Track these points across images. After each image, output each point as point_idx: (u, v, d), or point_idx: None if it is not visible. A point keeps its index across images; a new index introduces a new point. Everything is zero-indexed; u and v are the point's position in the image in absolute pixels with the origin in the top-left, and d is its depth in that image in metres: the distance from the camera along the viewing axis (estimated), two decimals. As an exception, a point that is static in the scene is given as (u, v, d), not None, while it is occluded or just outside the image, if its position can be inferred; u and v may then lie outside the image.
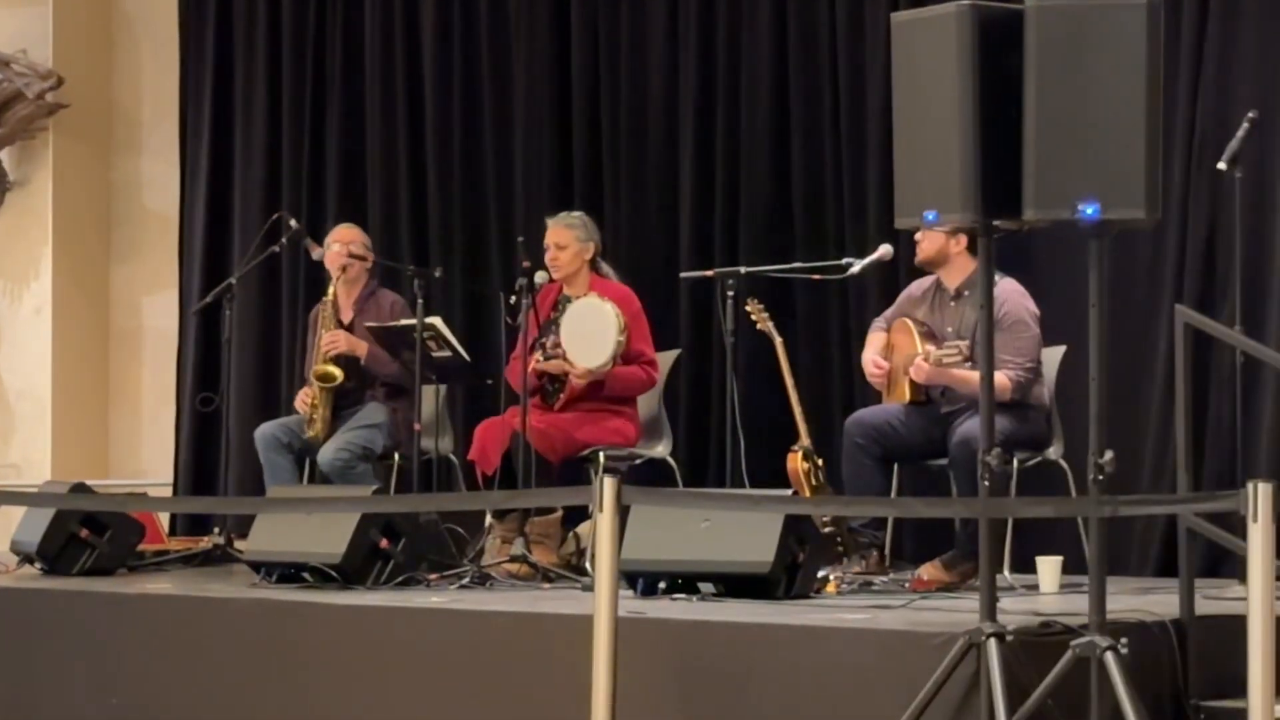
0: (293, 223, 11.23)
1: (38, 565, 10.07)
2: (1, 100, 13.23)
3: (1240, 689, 5.96)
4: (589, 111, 12.06)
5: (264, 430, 10.63)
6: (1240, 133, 8.87)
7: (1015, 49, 6.78)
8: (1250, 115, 9.02)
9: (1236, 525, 6.19)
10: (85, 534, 9.90)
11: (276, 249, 11.24)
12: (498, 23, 12.24)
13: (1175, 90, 9.64)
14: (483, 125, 12.30)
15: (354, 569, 8.97)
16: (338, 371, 10.36)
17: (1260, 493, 5.90)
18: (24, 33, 13.53)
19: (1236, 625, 6.01)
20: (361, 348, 10.44)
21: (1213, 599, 7.53)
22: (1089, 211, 6.67)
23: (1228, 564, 8.16)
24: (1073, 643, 6.61)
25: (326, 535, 9.06)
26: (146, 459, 13.57)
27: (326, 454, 10.20)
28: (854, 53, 11.01)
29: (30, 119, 13.28)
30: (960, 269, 8.96)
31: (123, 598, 9.20)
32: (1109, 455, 6.83)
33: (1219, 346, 9.16)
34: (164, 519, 11.88)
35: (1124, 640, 6.63)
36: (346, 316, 10.60)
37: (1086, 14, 6.79)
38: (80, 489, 10.20)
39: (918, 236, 8.94)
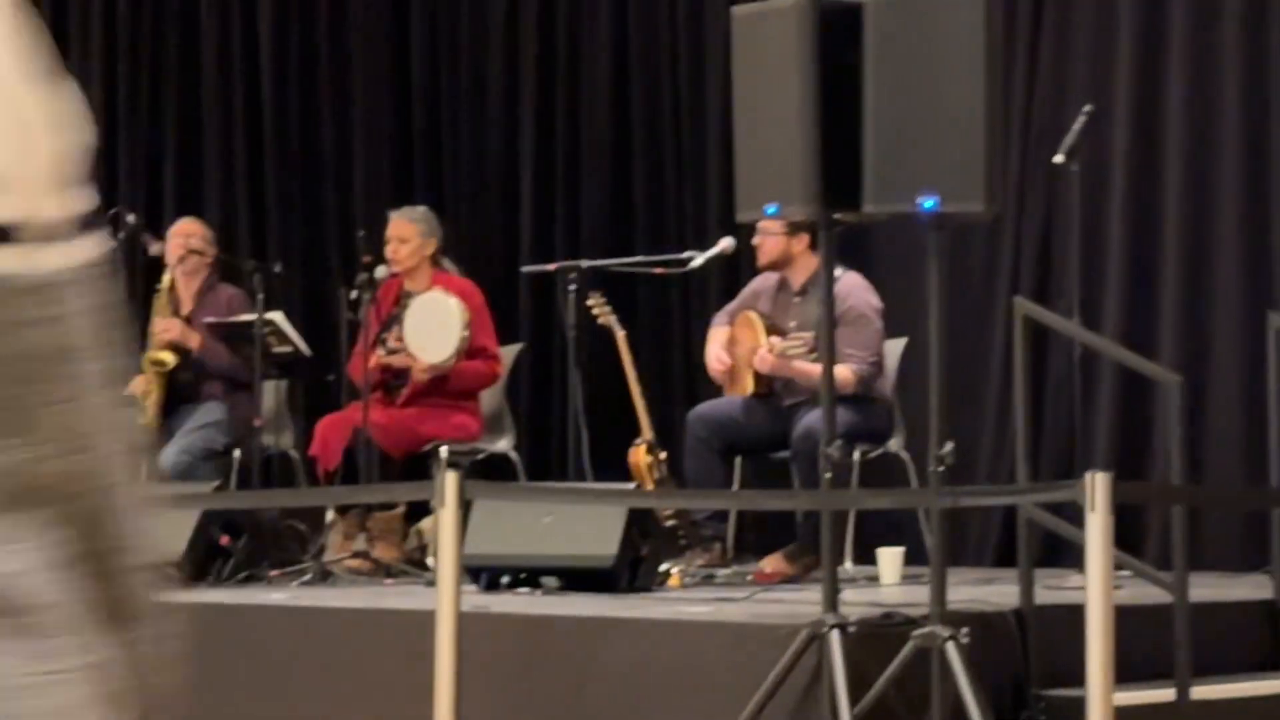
0: (130, 217, 11.07)
1: None
2: None
3: (1079, 677, 6.06)
4: (429, 105, 12.09)
5: None
6: (1077, 126, 8.94)
7: (855, 43, 6.79)
8: (1086, 109, 9.10)
9: (1075, 515, 6.25)
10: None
11: (114, 243, 11.10)
12: (336, 14, 12.25)
13: (1012, 84, 9.73)
14: (322, 119, 12.31)
15: (194, 566, 8.93)
16: (170, 357, 10.29)
17: (1098, 483, 5.97)
18: None
19: (1075, 614, 6.10)
20: (194, 339, 10.38)
21: (1052, 589, 7.63)
22: (928, 205, 6.69)
23: (1067, 554, 8.24)
24: (914, 633, 6.63)
25: (165, 532, 8.85)
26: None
27: (168, 456, 10.09)
28: (695, 45, 11.08)
29: None
30: (804, 266, 8.98)
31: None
32: (949, 447, 6.87)
33: (1057, 338, 9.25)
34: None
35: (965, 630, 6.62)
36: (186, 309, 10.54)
37: (924, 8, 6.83)
38: None
39: (756, 241, 9.01)
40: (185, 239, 10.61)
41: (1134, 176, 9.95)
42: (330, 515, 9.74)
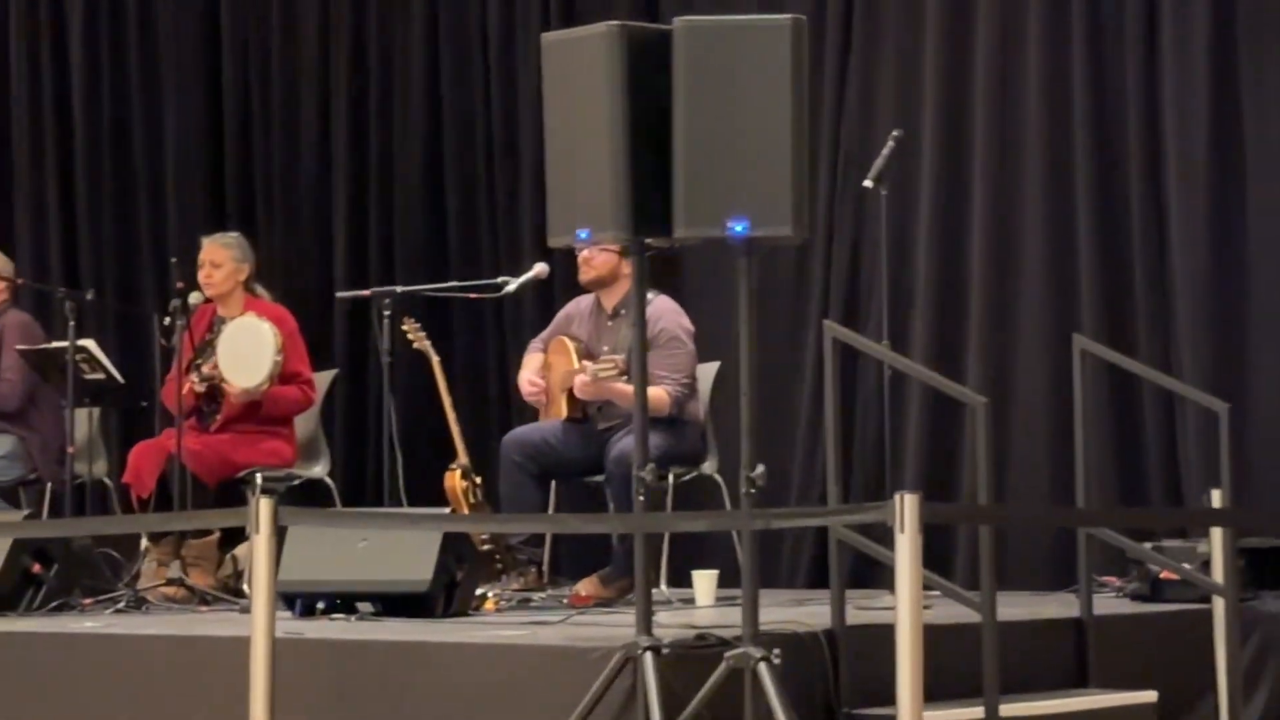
0: None
1: None
2: None
3: (890, 697, 6.01)
4: (242, 131, 12.06)
5: None
6: (885, 151, 9.00)
7: (664, 69, 6.83)
8: (895, 134, 9.16)
9: (885, 536, 6.30)
10: None
11: None
12: (147, 40, 12.16)
13: (821, 109, 9.88)
14: (134, 146, 12.22)
15: (4, 595, 8.84)
16: None
17: (907, 504, 5.99)
18: None
19: (886, 634, 6.06)
20: None
21: (863, 609, 7.67)
22: (738, 229, 6.72)
23: (877, 574, 8.32)
24: (727, 654, 6.65)
25: None
26: None
27: None
28: (507, 71, 11.13)
29: None
30: (620, 289, 8.99)
31: None
32: (760, 469, 6.91)
33: (866, 360, 9.35)
34: None
35: (777, 651, 6.68)
36: None
37: (732, 34, 6.88)
38: None
39: (587, 254, 8.99)
40: None
41: (940, 201, 10.07)
42: (144, 543, 9.61)
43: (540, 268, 9.74)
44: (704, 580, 8.79)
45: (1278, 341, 9.45)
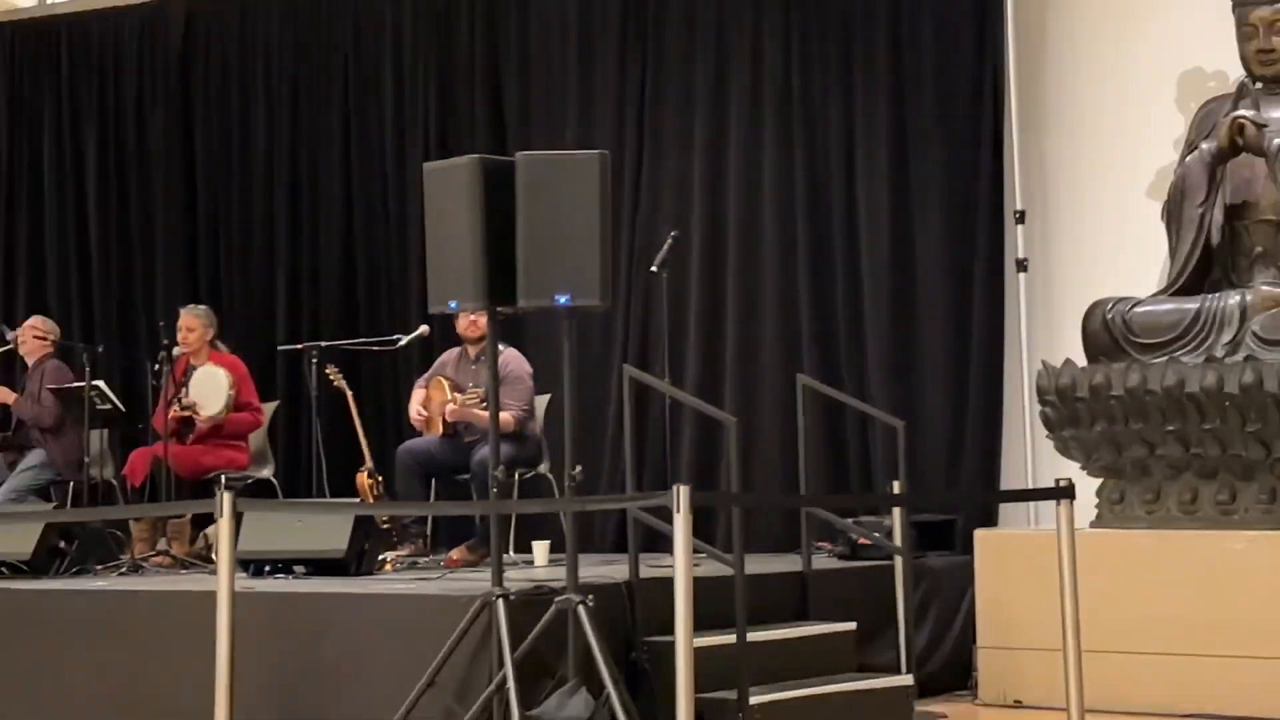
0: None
1: None
2: None
3: (670, 629, 6.03)
4: (210, 225, 11.94)
5: None
6: (666, 246, 8.96)
7: (510, 187, 6.87)
8: (673, 234, 9.14)
9: (667, 516, 6.29)
10: None
11: None
12: (143, 155, 12.14)
13: (620, 215, 9.84)
14: (132, 235, 12.10)
15: (39, 564, 8.77)
16: None
17: (682, 493, 6.01)
18: None
19: (667, 584, 6.07)
20: (10, 397, 10.43)
21: (652, 567, 7.62)
22: (562, 300, 6.80)
23: (662, 543, 8.29)
24: (556, 599, 6.70)
25: (18, 539, 8.82)
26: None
27: (2, 493, 10.10)
28: (400, 183, 11.10)
29: None
30: (480, 343, 8.98)
31: None
32: (579, 469, 7.00)
33: (654, 393, 9.31)
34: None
35: (591, 597, 6.71)
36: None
37: (558, 163, 6.97)
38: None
39: (473, 318, 8.98)
40: (32, 330, 10.58)
41: (704, 279, 10.06)
42: (134, 526, 9.58)
43: (423, 328, 9.79)
44: (540, 548, 8.75)
45: (937, 378, 9.48)
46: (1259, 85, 8.45)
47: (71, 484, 10.12)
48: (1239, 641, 7.67)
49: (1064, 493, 6.96)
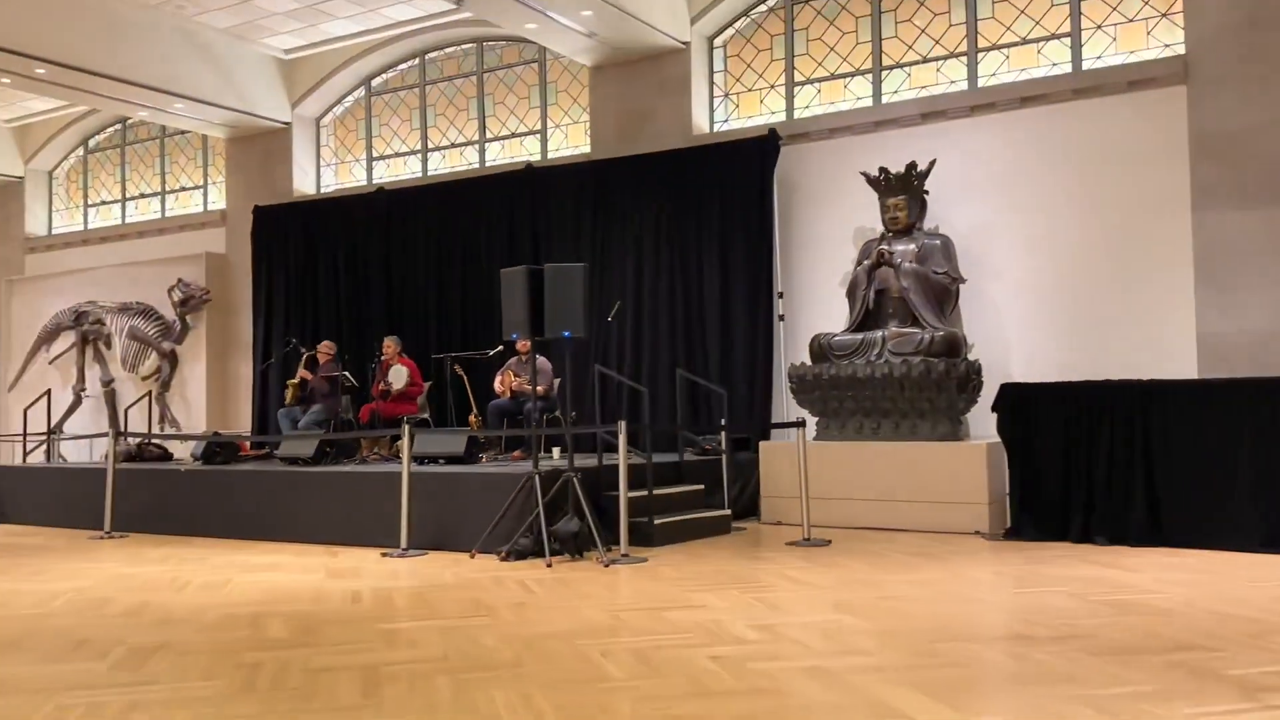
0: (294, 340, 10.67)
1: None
2: (187, 297, 12.38)
3: (616, 488, 6.25)
4: (399, 301, 11.15)
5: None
6: (615, 307, 8.99)
7: (540, 278, 6.66)
8: (618, 302, 9.11)
9: (616, 435, 6.32)
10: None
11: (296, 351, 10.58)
12: (367, 266, 11.25)
13: (592, 291, 9.47)
14: (367, 307, 11.35)
15: (315, 458, 8.43)
16: (295, 384, 9.72)
17: (621, 425, 6.24)
18: (189, 269, 12.52)
19: (615, 468, 6.21)
20: (309, 375, 9.63)
21: (608, 460, 7.31)
22: (566, 333, 6.69)
23: (613, 448, 7.80)
24: (562, 474, 6.68)
25: (306, 446, 8.50)
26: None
27: (303, 423, 9.39)
28: (493, 278, 10.36)
29: (198, 305, 12.43)
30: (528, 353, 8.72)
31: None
32: (574, 414, 7.13)
33: (610, 379, 9.16)
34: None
35: (579, 473, 6.63)
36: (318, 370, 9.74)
37: (565, 271, 6.71)
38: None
39: (523, 344, 8.56)
40: (325, 346, 9.95)
41: (633, 325, 9.61)
42: (362, 443, 9.25)
43: (500, 346, 9.34)
44: (556, 452, 8.52)
45: (744, 371, 9.06)
46: (890, 234, 8.55)
47: (332, 421, 9.64)
48: (880, 491, 7.71)
49: (800, 424, 7.41)
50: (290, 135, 11.98)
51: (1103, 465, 6.77)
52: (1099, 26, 8.39)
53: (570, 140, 10.73)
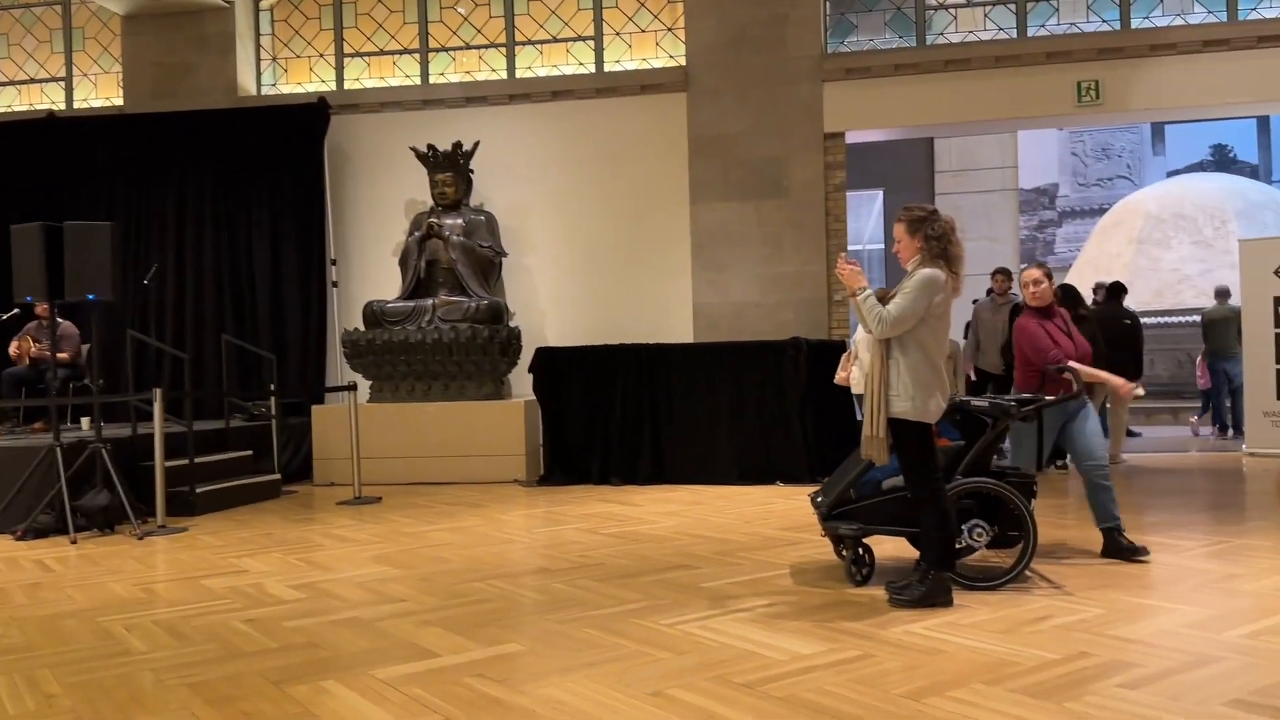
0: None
1: None
2: None
3: (153, 458, 5.75)
4: None
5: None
6: (151, 270, 8.09)
7: (59, 243, 6.02)
8: (155, 265, 8.29)
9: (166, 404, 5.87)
10: None
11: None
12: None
13: (127, 258, 8.65)
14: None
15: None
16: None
17: (157, 393, 5.65)
18: None
19: (147, 438, 5.66)
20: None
21: (141, 429, 6.68)
22: (91, 297, 5.92)
23: (169, 417, 7.18)
24: (90, 445, 5.87)
25: None
26: None
27: None
28: None
29: None
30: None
31: None
32: (101, 381, 6.25)
33: (151, 348, 8.37)
34: None
35: (109, 443, 6.04)
36: None
37: (87, 229, 6.03)
38: None
39: (40, 308, 7.52)
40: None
41: (179, 292, 8.96)
42: None
43: (15, 310, 7.95)
44: (85, 422, 7.48)
45: (298, 335, 8.70)
46: (440, 208, 8.62)
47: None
48: (430, 448, 7.75)
49: (353, 388, 7.42)
50: None
51: (617, 416, 7.41)
52: (617, 33, 8.95)
53: (101, 91, 9.88)
